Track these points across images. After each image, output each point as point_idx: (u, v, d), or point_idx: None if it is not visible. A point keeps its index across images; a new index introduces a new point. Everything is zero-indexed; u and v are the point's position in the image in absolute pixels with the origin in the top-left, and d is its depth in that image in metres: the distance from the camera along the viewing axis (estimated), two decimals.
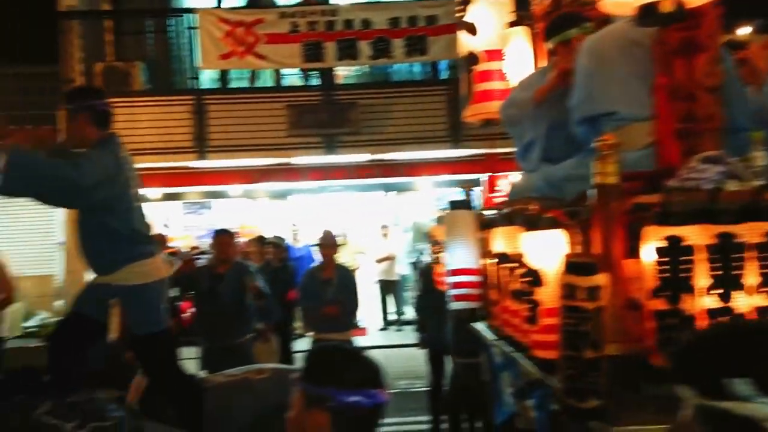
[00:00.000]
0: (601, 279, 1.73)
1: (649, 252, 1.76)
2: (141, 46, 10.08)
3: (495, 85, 3.93)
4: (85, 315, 3.05)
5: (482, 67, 3.94)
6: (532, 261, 1.90)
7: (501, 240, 2.27)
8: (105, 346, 3.27)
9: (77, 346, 3.09)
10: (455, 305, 2.67)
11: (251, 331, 5.36)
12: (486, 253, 2.46)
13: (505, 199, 3.59)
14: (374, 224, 11.64)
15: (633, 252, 1.85)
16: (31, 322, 10.60)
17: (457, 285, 2.60)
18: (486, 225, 2.46)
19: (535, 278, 1.91)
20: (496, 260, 2.30)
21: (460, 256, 2.53)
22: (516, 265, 2.07)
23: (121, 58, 9.96)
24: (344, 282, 5.65)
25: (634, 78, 2.28)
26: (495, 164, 4.11)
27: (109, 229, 3.00)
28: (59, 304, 9.99)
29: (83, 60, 9.73)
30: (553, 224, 1.90)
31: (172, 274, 3.66)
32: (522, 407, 2.77)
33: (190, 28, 9.62)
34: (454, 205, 2.68)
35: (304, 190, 11.63)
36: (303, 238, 10.82)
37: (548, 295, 1.87)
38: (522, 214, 2.07)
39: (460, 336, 4.35)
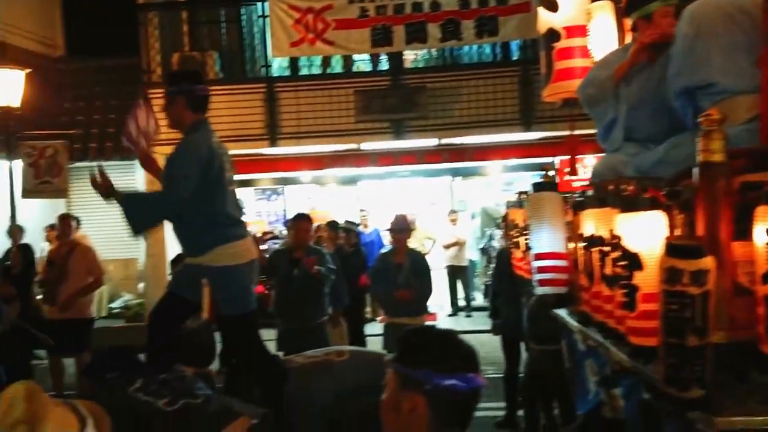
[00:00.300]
0: (707, 263, 1.63)
1: (760, 234, 1.64)
2: (215, 36, 10.32)
3: (576, 62, 3.79)
4: (179, 295, 3.14)
5: (563, 44, 3.80)
6: (629, 244, 1.81)
7: (592, 222, 2.18)
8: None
9: (171, 325, 3.21)
10: (540, 290, 2.59)
11: (326, 315, 5.43)
12: (574, 236, 2.37)
13: (586, 181, 3.46)
14: (442, 210, 11.57)
15: (741, 234, 1.73)
16: (115, 304, 11.16)
17: (542, 269, 2.52)
18: (574, 207, 2.36)
19: (632, 262, 1.81)
20: (586, 244, 2.21)
21: (545, 239, 2.45)
22: (609, 248, 1.98)
23: (196, 48, 10.23)
24: (416, 266, 5.63)
25: (737, 48, 2.13)
26: (575, 146, 3.95)
27: (200, 212, 3.09)
28: (141, 286, 10.46)
29: (161, 51, 10.05)
30: (652, 205, 1.80)
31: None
32: (609, 396, 2.68)
33: (261, 16, 9.77)
34: (539, 186, 2.59)
35: (373, 176, 11.67)
36: (372, 223, 10.89)
37: (647, 279, 1.78)
38: (617, 195, 1.98)
39: (537, 322, 4.27)
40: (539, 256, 2.51)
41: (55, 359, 6.77)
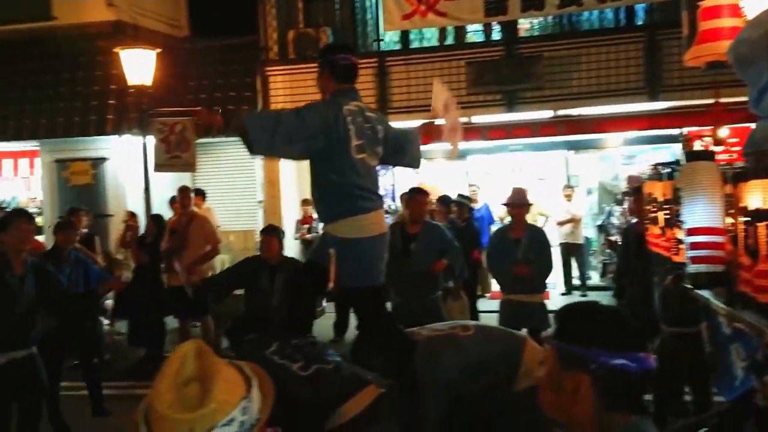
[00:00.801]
0: None
1: None
2: (328, 12, 10.43)
3: (725, 22, 3.46)
4: (317, 262, 3.21)
5: (710, 2, 3.47)
6: None
7: (757, 195, 1.97)
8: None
9: (308, 292, 3.29)
10: (693, 268, 2.39)
11: (440, 290, 5.39)
12: (734, 210, 2.16)
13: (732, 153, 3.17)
14: (556, 185, 11.17)
15: None
16: None
17: (696, 246, 2.32)
18: (734, 178, 2.15)
19: None
20: (750, 218, 2.01)
21: (701, 213, 2.25)
22: None
23: (311, 24, 10.39)
24: (536, 242, 5.46)
25: None
26: (719, 115, 3.61)
27: (330, 182, 3.11)
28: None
29: (278, 28, 10.31)
30: None
31: None
32: (762, 383, 2.46)
33: None
34: (694, 156, 2.38)
35: (482, 150, 11.42)
36: (481, 198, 10.71)
37: None
38: None
39: (672, 303, 4.00)
40: (693, 232, 2.31)
41: (183, 324, 7.22)
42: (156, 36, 10.86)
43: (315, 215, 10.42)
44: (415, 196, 5.42)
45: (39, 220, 10.60)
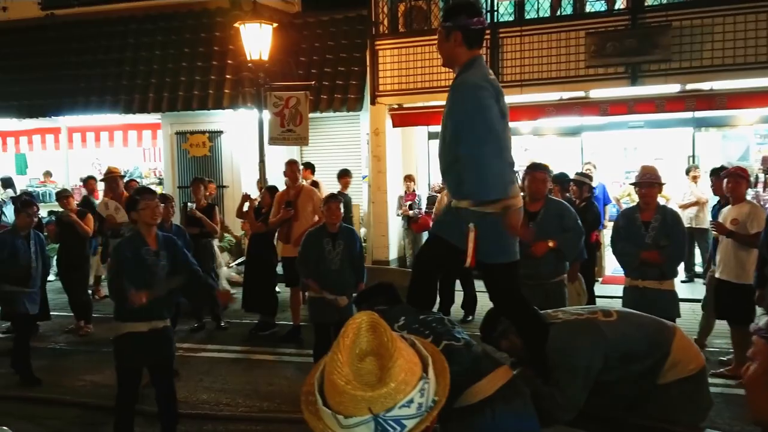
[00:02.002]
0: None
1: None
2: None
3: None
4: (442, 238, 3.12)
5: None
6: None
7: None
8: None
9: (433, 268, 3.21)
10: None
11: (564, 272, 5.15)
12: None
13: None
14: (677, 165, 10.44)
15: None
16: None
17: None
18: None
19: None
20: None
21: None
22: None
23: None
24: (667, 225, 5.06)
25: None
26: None
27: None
28: (363, 231, 11.01)
29: (389, 1, 10.20)
30: None
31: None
32: None
33: None
34: None
35: (601, 126, 10.85)
36: (596, 177, 10.19)
37: None
38: None
39: None
40: None
41: (294, 291, 7.37)
42: (271, 12, 11.05)
43: (418, 191, 10.35)
44: (535, 173, 5.13)
45: (159, 189, 11.21)
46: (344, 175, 9.38)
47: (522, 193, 3.45)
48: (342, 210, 5.62)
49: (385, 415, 1.14)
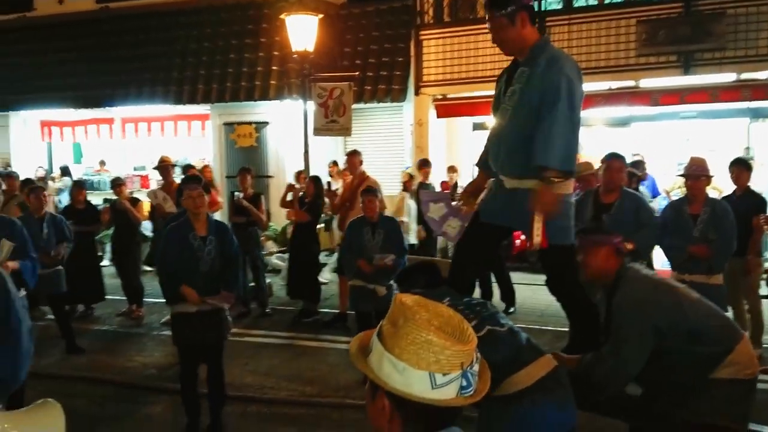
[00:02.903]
0: None
1: None
2: None
3: None
4: (491, 225, 3.15)
5: None
6: None
7: None
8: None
9: (478, 251, 3.26)
10: None
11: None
12: None
13: None
14: (731, 156, 10.07)
15: None
16: None
17: None
18: None
19: None
20: None
21: None
22: None
23: None
24: (717, 218, 4.94)
25: None
26: None
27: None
28: (405, 220, 11.03)
29: None
30: None
31: None
32: None
33: None
34: None
35: (651, 117, 10.58)
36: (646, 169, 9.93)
37: None
38: None
39: None
40: None
41: (343, 279, 7.44)
42: (316, 3, 11.14)
43: (460, 182, 10.29)
44: (612, 162, 4.88)
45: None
46: (424, 166, 9.34)
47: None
48: (380, 203, 5.76)
49: (470, 369, 1.23)
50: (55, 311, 6.54)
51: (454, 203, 3.55)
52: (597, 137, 11.29)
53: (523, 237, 6.80)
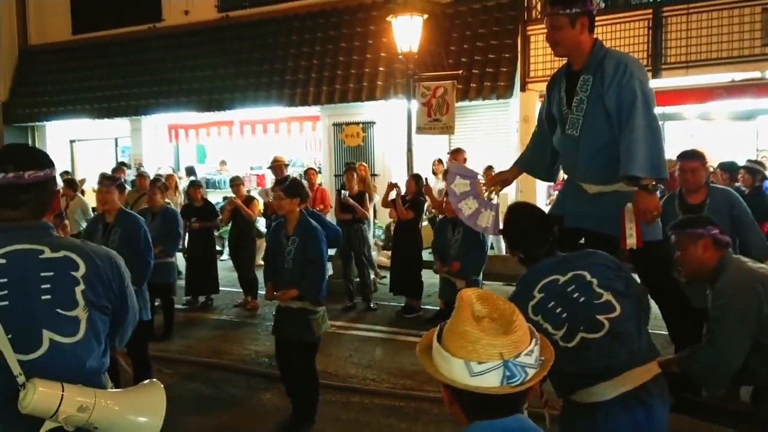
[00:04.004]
0: None
1: None
2: None
3: None
4: (581, 229, 3.16)
5: None
6: None
7: None
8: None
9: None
10: None
11: None
12: None
13: None
14: None
15: None
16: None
17: None
18: None
19: None
20: None
21: None
22: None
23: None
24: None
25: None
26: None
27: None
28: None
29: None
30: None
31: None
32: None
33: None
34: None
35: None
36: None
37: None
38: None
39: None
40: None
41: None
42: (422, 3, 11.25)
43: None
44: (688, 162, 4.58)
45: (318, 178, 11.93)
46: (457, 153, 9.27)
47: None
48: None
49: (515, 360, 1.31)
50: (162, 300, 7.01)
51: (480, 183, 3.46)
52: (719, 131, 10.64)
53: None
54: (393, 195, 7.91)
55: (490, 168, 9.49)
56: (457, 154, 7.67)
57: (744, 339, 2.68)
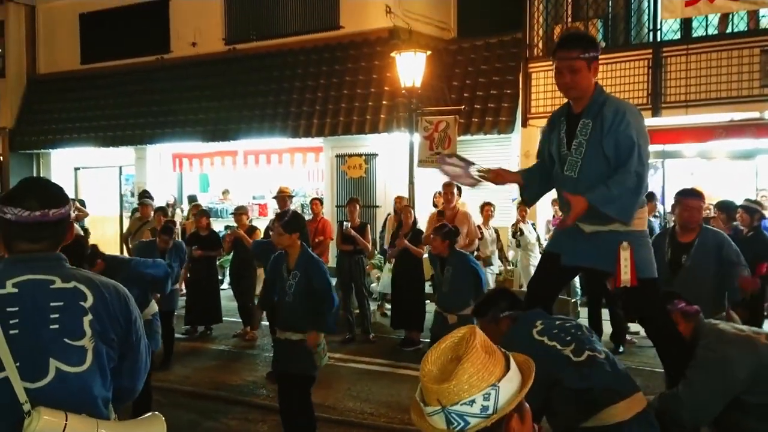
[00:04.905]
0: None
1: None
2: (599, 4, 9.97)
3: None
4: (576, 267, 3.22)
5: None
6: None
7: None
8: None
9: (551, 293, 3.36)
10: None
11: (722, 309, 4.76)
12: None
13: None
14: None
15: None
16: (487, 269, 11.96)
17: None
18: None
19: None
20: None
21: None
22: None
23: (579, 18, 10.06)
24: None
25: None
26: None
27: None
28: (511, 254, 10.94)
29: (544, 24, 10.18)
30: None
31: None
32: None
33: None
34: None
35: None
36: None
37: None
38: None
39: None
40: None
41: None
42: (427, 39, 11.48)
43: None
44: (689, 200, 4.68)
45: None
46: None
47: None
48: (452, 243, 5.98)
49: (450, 408, 1.34)
50: (163, 328, 6.98)
51: (473, 170, 3.51)
52: (719, 170, 10.72)
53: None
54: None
55: (488, 204, 9.56)
56: (448, 188, 7.72)
57: (723, 398, 2.81)
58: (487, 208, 8.96)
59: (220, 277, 9.47)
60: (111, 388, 1.90)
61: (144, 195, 11.28)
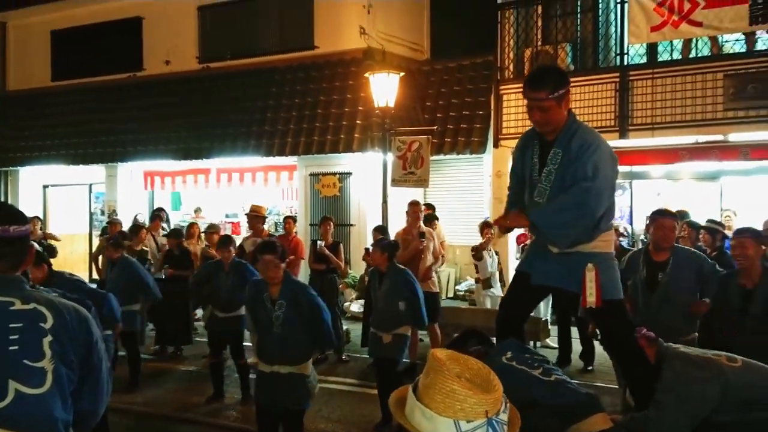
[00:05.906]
0: None
1: None
2: (568, 28, 10.22)
3: None
4: (546, 287, 3.29)
5: None
6: None
7: None
8: None
9: (523, 312, 3.40)
10: None
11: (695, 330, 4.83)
12: None
13: None
14: None
15: None
16: (461, 286, 12.03)
17: None
18: None
19: None
20: None
21: None
22: None
23: (549, 41, 10.28)
24: None
25: None
26: None
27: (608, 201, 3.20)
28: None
29: (514, 47, 10.38)
30: None
31: None
32: None
33: (619, 2, 9.32)
34: None
35: (740, 171, 10.20)
36: (736, 225, 9.52)
37: None
38: None
39: None
40: None
41: (431, 328, 7.55)
42: (400, 60, 11.62)
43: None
44: (662, 219, 4.75)
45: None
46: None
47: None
48: (391, 257, 5.76)
49: (497, 417, 1.33)
50: (127, 348, 6.84)
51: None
52: (685, 191, 10.97)
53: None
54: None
55: (488, 226, 9.03)
56: (413, 206, 7.78)
57: (692, 421, 2.86)
58: (486, 230, 8.89)
59: None
60: (71, 411, 1.88)
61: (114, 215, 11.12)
